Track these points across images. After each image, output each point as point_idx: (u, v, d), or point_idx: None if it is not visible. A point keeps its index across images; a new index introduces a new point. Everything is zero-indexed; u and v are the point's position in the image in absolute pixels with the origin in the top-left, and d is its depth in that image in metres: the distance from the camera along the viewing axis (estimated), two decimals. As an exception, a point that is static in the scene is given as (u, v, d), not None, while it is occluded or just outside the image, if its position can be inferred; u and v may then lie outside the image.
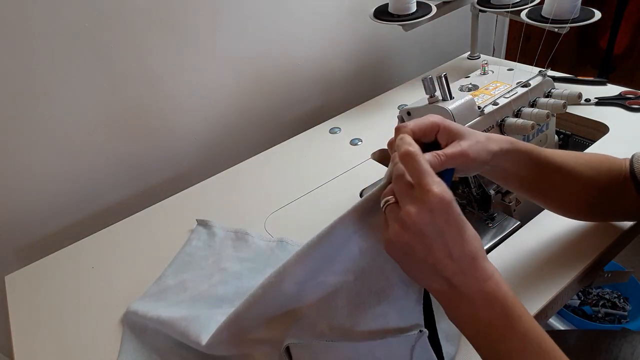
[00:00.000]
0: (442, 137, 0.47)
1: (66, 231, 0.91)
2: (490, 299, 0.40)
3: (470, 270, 0.40)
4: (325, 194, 0.80)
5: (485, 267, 0.40)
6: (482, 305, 0.40)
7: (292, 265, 0.47)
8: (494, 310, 0.40)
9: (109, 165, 0.91)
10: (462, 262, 0.40)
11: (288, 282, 0.47)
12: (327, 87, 1.16)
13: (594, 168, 0.53)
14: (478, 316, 0.40)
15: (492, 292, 0.40)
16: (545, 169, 0.52)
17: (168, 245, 0.74)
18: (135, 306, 0.62)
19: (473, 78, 0.73)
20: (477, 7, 1.05)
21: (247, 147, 1.05)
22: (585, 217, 0.60)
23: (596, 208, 0.56)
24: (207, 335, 0.52)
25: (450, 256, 0.40)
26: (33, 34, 0.73)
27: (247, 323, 0.50)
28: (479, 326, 0.40)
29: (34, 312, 0.67)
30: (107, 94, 0.85)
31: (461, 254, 0.40)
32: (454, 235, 0.40)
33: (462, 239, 0.40)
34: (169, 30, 0.86)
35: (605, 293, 1.29)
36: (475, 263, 0.40)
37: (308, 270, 0.47)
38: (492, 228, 0.68)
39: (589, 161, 0.54)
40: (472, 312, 0.40)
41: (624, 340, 0.66)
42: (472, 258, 0.40)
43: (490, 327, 0.40)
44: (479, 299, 0.40)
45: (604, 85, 0.94)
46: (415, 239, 0.40)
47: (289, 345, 0.47)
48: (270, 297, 0.48)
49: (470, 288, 0.40)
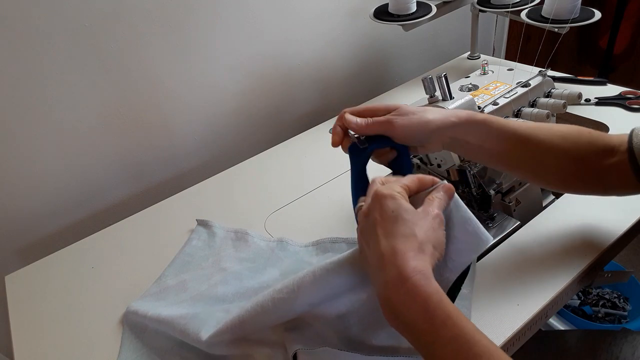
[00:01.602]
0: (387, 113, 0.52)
1: (66, 231, 0.91)
2: (408, 301, 0.37)
3: (389, 267, 0.38)
4: (325, 194, 0.80)
5: (405, 266, 0.37)
6: (401, 307, 0.37)
7: (307, 285, 0.46)
8: (413, 312, 0.37)
9: (109, 165, 0.91)
10: (384, 257, 0.38)
11: (300, 302, 0.47)
12: (327, 87, 1.16)
13: (570, 140, 0.52)
14: (402, 319, 0.37)
15: (409, 292, 0.37)
16: (512, 141, 0.52)
17: (168, 245, 0.74)
18: (135, 306, 0.62)
19: (473, 78, 0.73)
20: (477, 7, 1.05)
21: (247, 147, 1.05)
22: (565, 188, 0.59)
23: (574, 179, 0.54)
24: (207, 331, 0.51)
25: (377, 250, 0.40)
26: (33, 33, 0.73)
27: (251, 327, 0.51)
28: (409, 331, 0.38)
29: (34, 312, 0.67)
30: (107, 94, 0.85)
31: (385, 247, 0.39)
32: (384, 228, 0.40)
33: (389, 232, 0.39)
34: (169, 30, 0.86)
35: (605, 293, 1.29)
36: (395, 259, 0.38)
37: (322, 294, 0.47)
38: (492, 228, 0.68)
39: (565, 133, 0.53)
40: (395, 314, 0.38)
41: (625, 341, 0.66)
42: (393, 253, 0.38)
43: (417, 331, 0.37)
44: (396, 300, 0.37)
45: (604, 85, 0.94)
46: (362, 235, 0.43)
47: (297, 351, 0.47)
48: (281, 311, 0.48)
49: (388, 287, 0.38)
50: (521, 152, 0.52)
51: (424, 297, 0.36)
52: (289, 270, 0.64)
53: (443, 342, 0.36)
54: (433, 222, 0.41)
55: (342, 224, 0.73)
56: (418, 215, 0.41)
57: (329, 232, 0.70)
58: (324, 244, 0.68)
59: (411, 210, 0.41)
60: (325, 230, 0.71)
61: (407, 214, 0.40)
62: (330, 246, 0.67)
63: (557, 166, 0.53)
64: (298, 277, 0.47)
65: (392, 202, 0.41)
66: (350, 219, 0.73)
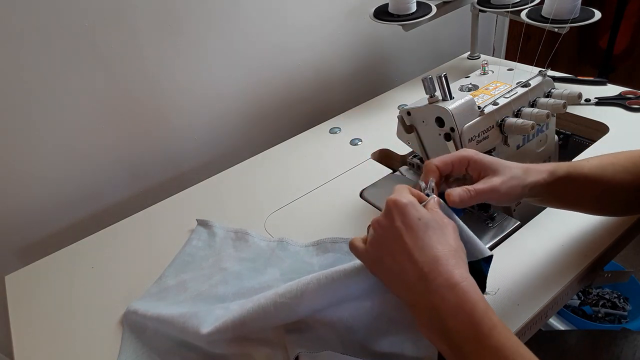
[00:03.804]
0: (474, 171, 0.47)
1: (66, 231, 0.91)
2: (455, 307, 0.36)
3: (432, 275, 0.37)
4: (325, 194, 0.80)
5: (451, 272, 0.37)
6: (447, 315, 0.37)
7: (311, 292, 0.46)
8: (459, 319, 0.36)
9: (109, 165, 0.91)
10: (423, 265, 0.38)
11: (304, 307, 0.47)
12: (327, 87, 1.16)
13: (631, 172, 0.52)
14: (445, 328, 0.37)
15: (458, 299, 0.36)
16: (585, 186, 0.51)
17: (168, 245, 0.74)
18: (135, 305, 0.62)
19: (473, 78, 0.73)
20: (477, 7, 1.05)
21: (247, 147, 1.05)
22: (626, 214, 0.60)
23: (633, 206, 0.55)
24: (206, 327, 0.51)
25: (411, 259, 0.39)
26: (32, 33, 0.73)
27: (251, 328, 0.51)
28: (449, 339, 0.37)
29: (34, 312, 0.67)
30: (107, 94, 0.85)
31: (421, 255, 0.38)
32: (413, 237, 0.39)
33: (422, 241, 0.39)
34: (169, 30, 0.86)
35: (605, 293, 1.29)
36: (438, 266, 0.37)
37: (326, 302, 0.47)
38: (492, 228, 0.68)
39: (625, 166, 0.52)
40: (438, 322, 0.37)
41: (625, 341, 0.66)
42: (434, 261, 0.38)
43: (460, 339, 0.36)
44: (444, 307, 0.37)
45: (604, 85, 0.94)
46: (381, 247, 0.41)
47: (298, 355, 0.47)
48: (283, 315, 0.48)
49: (433, 295, 0.37)
50: (592, 194, 0.52)
51: (471, 304, 0.36)
52: (289, 271, 0.64)
53: (486, 352, 0.35)
54: (454, 229, 0.41)
55: (343, 224, 0.73)
56: (443, 223, 0.41)
57: (329, 232, 0.70)
58: (325, 244, 0.68)
59: (433, 218, 0.41)
60: (325, 230, 0.71)
61: (434, 222, 0.40)
62: (331, 246, 0.67)
63: (623, 201, 0.54)
64: (302, 282, 0.47)
65: (415, 211, 0.40)
66: (350, 219, 0.73)
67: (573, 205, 0.54)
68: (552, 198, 0.52)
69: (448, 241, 0.39)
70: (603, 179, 0.51)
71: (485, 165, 0.47)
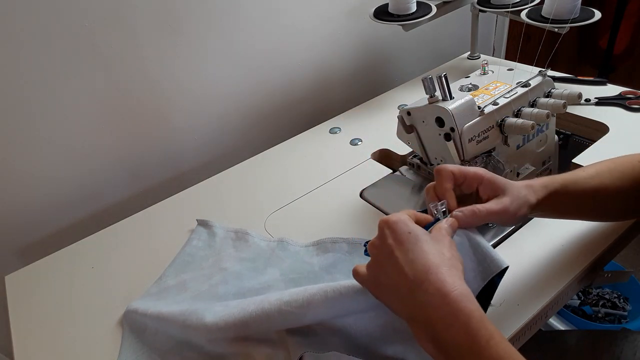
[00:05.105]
0: (485, 190, 0.47)
1: (66, 231, 0.91)
2: (450, 318, 0.35)
3: (424, 285, 0.37)
4: (325, 194, 0.80)
5: (443, 281, 0.36)
6: (442, 326, 0.36)
7: (318, 304, 0.46)
8: (455, 331, 0.35)
9: (109, 165, 0.91)
10: (414, 277, 0.37)
11: (309, 317, 0.47)
12: (327, 87, 1.16)
13: (629, 178, 0.52)
14: (441, 339, 0.36)
15: (451, 309, 0.36)
16: (582, 198, 0.51)
17: (168, 245, 0.74)
18: (135, 304, 0.62)
19: (473, 78, 0.73)
20: (477, 7, 1.05)
21: (247, 147, 1.05)
22: (624, 219, 0.60)
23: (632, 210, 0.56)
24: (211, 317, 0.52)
25: (401, 272, 0.38)
26: (32, 33, 0.73)
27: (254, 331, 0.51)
28: (446, 352, 0.36)
29: (34, 312, 0.67)
30: (107, 94, 0.85)
31: (411, 268, 0.38)
32: (404, 251, 0.39)
33: (413, 253, 0.38)
34: (169, 30, 0.86)
35: (605, 293, 1.29)
36: (429, 276, 0.37)
37: (332, 314, 0.48)
38: (492, 228, 0.68)
39: (623, 172, 0.52)
40: (434, 334, 0.36)
41: (625, 341, 0.66)
42: (425, 270, 0.37)
43: (457, 352, 0.35)
44: (438, 318, 0.36)
45: (604, 85, 0.94)
46: (377, 267, 0.41)
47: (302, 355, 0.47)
48: (287, 322, 0.49)
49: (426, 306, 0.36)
50: (591, 205, 0.52)
51: (466, 314, 0.35)
52: (289, 271, 0.64)
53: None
54: (451, 243, 0.41)
55: (343, 224, 0.73)
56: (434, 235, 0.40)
57: (329, 232, 0.70)
58: (325, 244, 0.68)
59: (425, 232, 0.40)
60: (325, 230, 0.71)
61: (425, 235, 0.40)
62: (331, 246, 0.67)
63: (621, 208, 0.54)
64: (309, 293, 0.47)
65: (404, 225, 0.40)
66: (350, 219, 0.73)
67: (571, 215, 0.55)
68: (550, 213, 0.52)
69: (441, 251, 0.39)
70: (601, 189, 0.51)
71: (496, 185, 0.46)
